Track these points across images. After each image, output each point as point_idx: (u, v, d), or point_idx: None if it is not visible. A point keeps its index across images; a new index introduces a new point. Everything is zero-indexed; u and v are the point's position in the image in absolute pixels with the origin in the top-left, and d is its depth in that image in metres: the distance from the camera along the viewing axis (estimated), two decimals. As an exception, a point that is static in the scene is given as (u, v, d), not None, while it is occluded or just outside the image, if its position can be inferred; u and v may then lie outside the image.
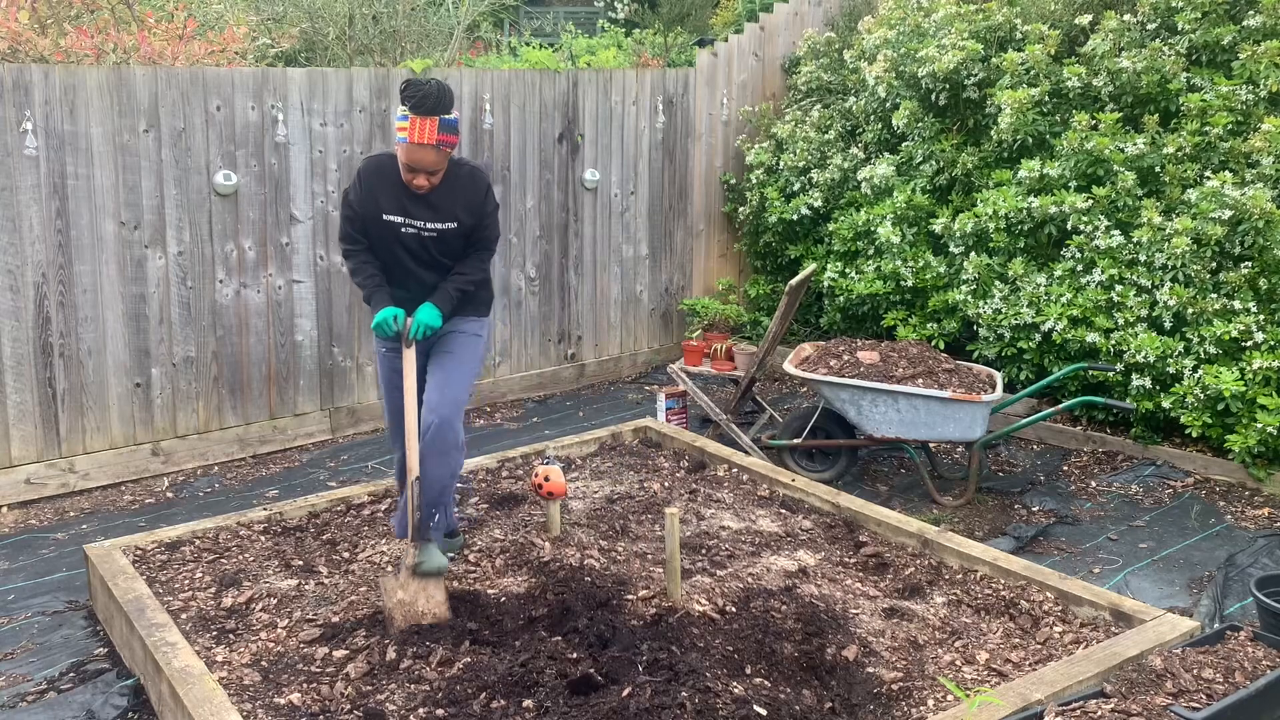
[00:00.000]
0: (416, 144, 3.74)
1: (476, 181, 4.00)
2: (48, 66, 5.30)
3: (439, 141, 3.75)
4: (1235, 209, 5.42)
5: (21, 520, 5.33)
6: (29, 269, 5.33)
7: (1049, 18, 6.78)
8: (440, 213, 3.98)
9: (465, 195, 3.98)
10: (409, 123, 3.73)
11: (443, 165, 3.85)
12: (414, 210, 3.97)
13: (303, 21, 8.16)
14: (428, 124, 3.72)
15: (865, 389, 5.28)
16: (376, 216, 3.99)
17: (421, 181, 3.85)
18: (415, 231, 4.00)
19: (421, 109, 3.70)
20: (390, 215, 3.98)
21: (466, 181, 3.98)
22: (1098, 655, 3.55)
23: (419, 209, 3.98)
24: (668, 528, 3.91)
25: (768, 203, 7.65)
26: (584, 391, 7.46)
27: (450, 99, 3.76)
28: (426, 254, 4.06)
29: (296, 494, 5.45)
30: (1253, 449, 5.29)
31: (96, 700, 3.67)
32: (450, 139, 3.79)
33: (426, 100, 3.69)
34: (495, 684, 3.36)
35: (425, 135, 3.73)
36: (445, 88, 3.74)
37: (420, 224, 3.99)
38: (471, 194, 3.98)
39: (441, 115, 3.74)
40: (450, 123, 3.78)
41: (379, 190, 3.98)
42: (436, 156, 3.79)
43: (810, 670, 3.55)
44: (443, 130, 3.75)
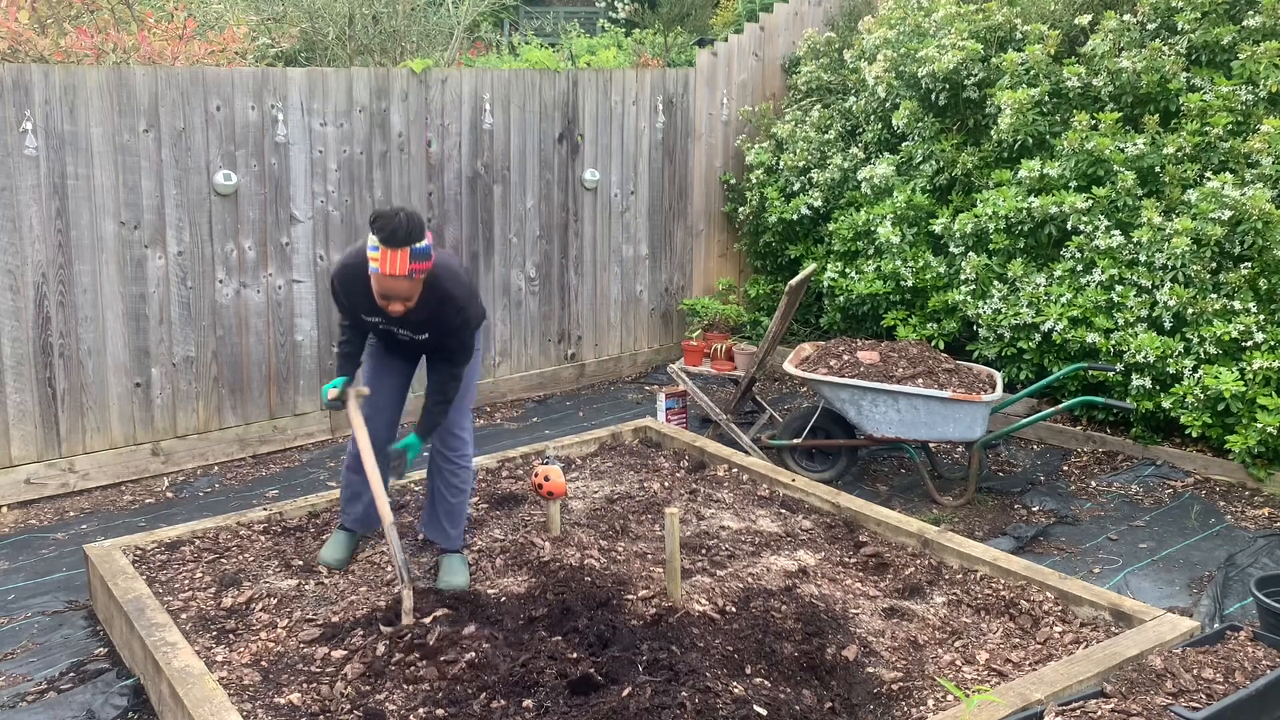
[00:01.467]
0: (388, 275, 3.67)
1: (448, 306, 3.90)
2: (48, 66, 5.30)
3: (411, 271, 3.68)
4: (1235, 209, 5.42)
5: (21, 520, 5.33)
6: (29, 269, 5.33)
7: (1049, 18, 6.78)
8: (413, 326, 3.99)
9: (437, 317, 3.93)
10: (379, 254, 3.64)
11: (416, 291, 3.78)
12: (388, 318, 3.98)
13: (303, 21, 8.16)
14: (398, 256, 3.63)
15: (865, 389, 5.28)
16: (357, 315, 4.07)
17: (396, 307, 3.80)
18: (392, 330, 4.07)
19: (391, 242, 3.62)
20: (369, 316, 4.02)
21: (439, 304, 3.89)
22: (1098, 655, 3.55)
23: (393, 319, 3.99)
24: (668, 528, 3.91)
25: (768, 203, 7.65)
26: (584, 391, 7.46)
27: (420, 227, 3.66)
28: (402, 346, 4.20)
29: (296, 494, 5.45)
30: (1253, 449, 5.29)
31: (96, 700, 3.67)
32: (422, 266, 3.71)
33: (396, 234, 3.60)
34: (495, 684, 3.36)
35: (397, 267, 3.65)
36: (415, 217, 3.65)
37: (395, 329, 4.05)
38: (443, 316, 3.93)
39: (413, 245, 3.65)
40: (422, 251, 3.69)
41: (355, 296, 3.98)
42: (409, 285, 3.72)
43: (810, 670, 3.55)
44: (415, 259, 3.67)
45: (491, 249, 6.95)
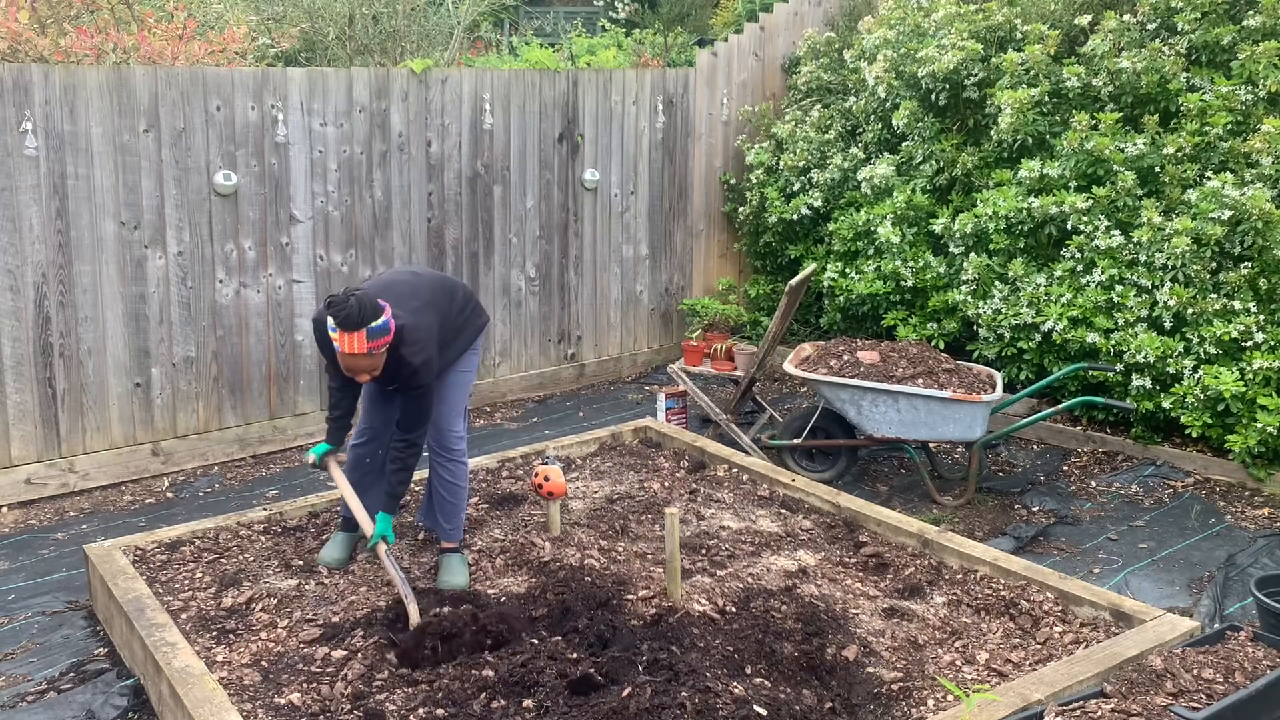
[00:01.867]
0: (349, 354, 3.81)
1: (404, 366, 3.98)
2: (48, 66, 5.30)
3: (370, 349, 3.80)
4: (1235, 209, 5.42)
5: (21, 520, 5.33)
6: (29, 269, 5.33)
7: (1049, 18, 6.78)
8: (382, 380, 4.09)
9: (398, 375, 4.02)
10: (338, 336, 3.79)
11: (380, 364, 3.90)
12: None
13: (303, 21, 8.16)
14: (355, 338, 3.77)
15: (865, 389, 5.28)
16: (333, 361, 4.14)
17: (363, 378, 3.94)
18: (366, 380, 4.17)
19: (346, 326, 3.75)
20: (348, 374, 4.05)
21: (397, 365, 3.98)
22: (1098, 655, 3.55)
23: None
24: (668, 528, 3.91)
25: (768, 203, 7.65)
26: (584, 391, 7.46)
27: (372, 309, 3.78)
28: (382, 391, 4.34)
29: (296, 494, 5.45)
30: (1253, 449, 5.29)
31: (96, 700, 3.67)
32: (381, 342, 3.84)
33: (350, 319, 3.73)
34: (495, 684, 3.36)
35: (355, 347, 3.79)
36: (366, 301, 3.76)
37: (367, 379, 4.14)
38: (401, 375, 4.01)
39: (368, 326, 3.77)
40: (379, 329, 3.80)
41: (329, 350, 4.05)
42: (371, 361, 3.85)
43: (810, 670, 3.55)
44: (371, 338, 3.79)
45: (491, 249, 6.95)
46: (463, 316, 4.32)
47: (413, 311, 4.01)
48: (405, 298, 4.06)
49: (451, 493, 4.36)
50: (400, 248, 6.52)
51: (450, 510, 4.36)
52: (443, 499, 4.37)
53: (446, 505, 4.37)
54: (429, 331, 4.03)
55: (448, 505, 4.36)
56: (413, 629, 3.73)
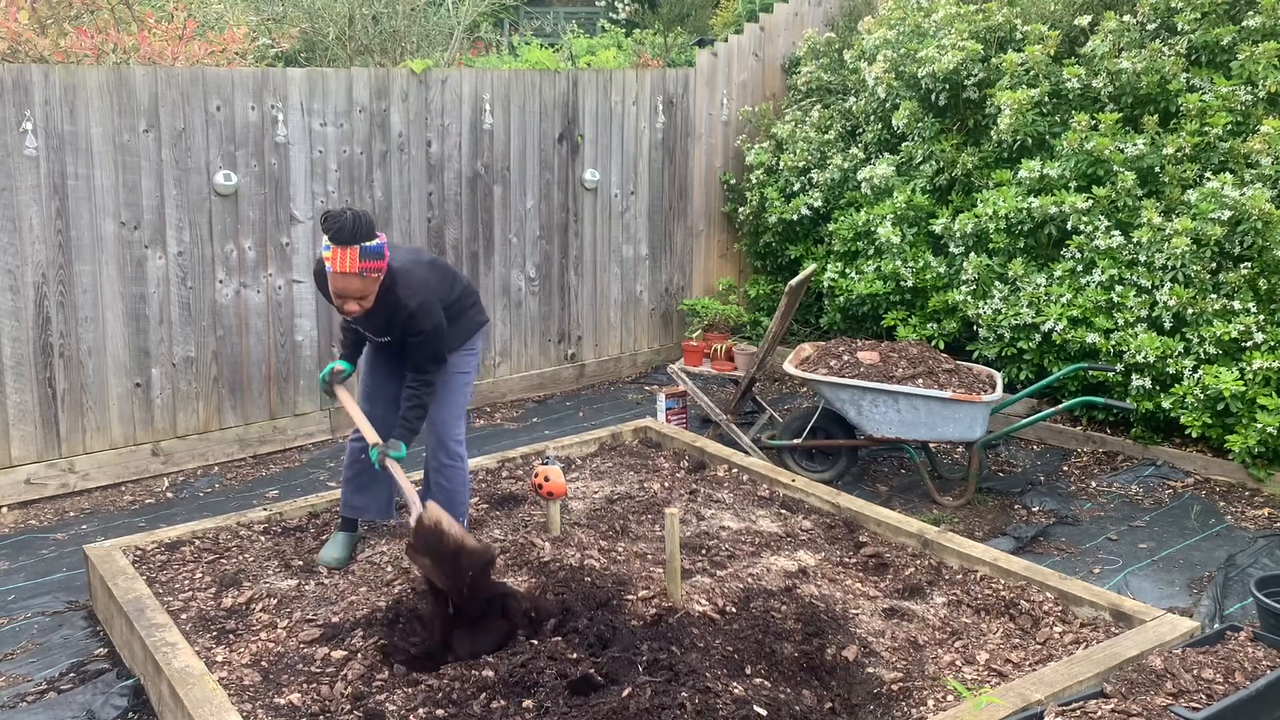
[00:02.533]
0: (340, 273, 3.73)
1: (400, 310, 3.94)
2: (48, 66, 5.30)
3: (361, 269, 3.72)
4: (1235, 209, 5.42)
5: (21, 520, 5.33)
6: (29, 269, 5.34)
7: (1049, 18, 6.78)
8: (376, 328, 4.04)
9: (393, 321, 3.98)
10: (331, 253, 3.71)
11: (371, 290, 3.82)
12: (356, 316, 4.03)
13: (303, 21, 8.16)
14: (348, 254, 3.69)
15: (865, 389, 5.28)
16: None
17: (352, 307, 3.83)
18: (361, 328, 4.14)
19: (339, 239, 3.68)
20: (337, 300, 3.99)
21: (393, 309, 3.94)
22: (1098, 655, 3.55)
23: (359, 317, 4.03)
24: (668, 528, 3.91)
25: (768, 203, 7.65)
26: (584, 391, 7.46)
27: (369, 226, 3.72)
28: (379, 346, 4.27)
29: (296, 494, 5.45)
30: (1253, 449, 5.29)
31: (96, 700, 3.67)
32: (373, 265, 3.76)
33: (343, 231, 3.66)
34: (495, 684, 3.36)
35: (347, 265, 3.71)
36: (362, 216, 3.70)
37: (361, 328, 4.12)
38: (397, 320, 3.97)
39: (362, 243, 3.70)
40: (373, 249, 3.74)
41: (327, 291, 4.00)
42: (362, 283, 3.76)
43: (810, 670, 3.55)
44: (364, 258, 3.71)
45: (491, 249, 6.95)
46: (460, 305, 4.27)
47: (408, 261, 4.01)
48: (404, 252, 4.11)
49: (450, 498, 4.33)
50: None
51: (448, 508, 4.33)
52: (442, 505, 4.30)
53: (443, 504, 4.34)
54: (424, 282, 3.98)
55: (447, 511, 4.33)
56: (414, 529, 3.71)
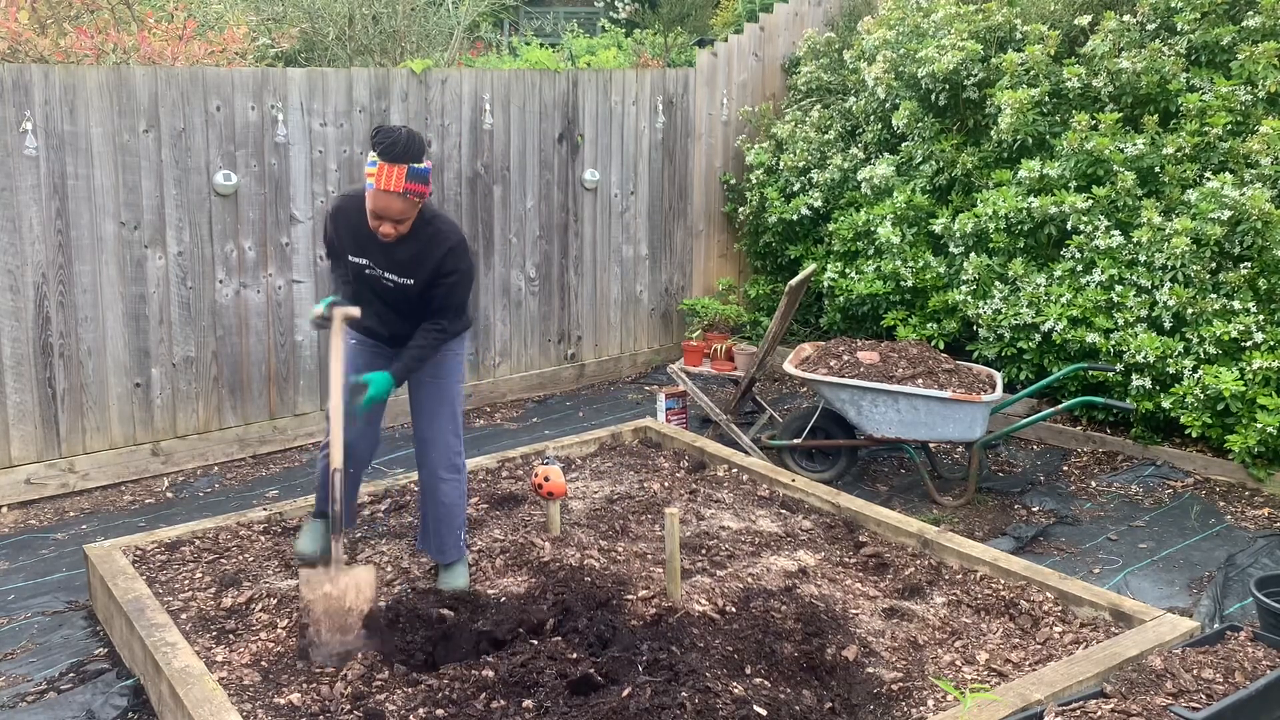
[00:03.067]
0: (383, 190, 3.64)
1: (436, 243, 3.84)
2: (48, 66, 5.30)
3: (406, 190, 3.64)
4: (1235, 209, 5.42)
5: (21, 520, 5.33)
6: (29, 269, 5.34)
7: (1049, 18, 6.78)
8: (400, 267, 3.88)
9: (426, 255, 3.85)
10: (377, 169, 3.63)
11: (410, 214, 3.73)
12: (375, 256, 3.90)
13: (303, 21, 8.15)
14: (395, 171, 3.61)
15: (865, 389, 5.28)
16: (343, 254, 3.99)
17: (388, 230, 3.73)
18: (377, 276, 3.95)
19: (389, 155, 3.61)
20: (355, 257, 3.93)
21: (429, 242, 3.84)
22: (1098, 655, 3.55)
23: (380, 258, 3.89)
24: (668, 528, 3.91)
25: (768, 203, 7.65)
26: (584, 391, 7.46)
27: (420, 147, 3.67)
28: (389, 298, 4.01)
29: (296, 494, 5.45)
30: (1253, 449, 5.29)
31: (96, 700, 3.67)
32: (418, 189, 3.68)
33: (395, 146, 3.60)
34: (495, 684, 3.36)
35: (392, 183, 3.62)
36: (416, 136, 3.65)
37: (379, 272, 3.92)
38: (432, 255, 3.85)
39: (410, 163, 3.63)
40: (420, 172, 3.67)
41: (345, 232, 3.92)
42: (403, 205, 3.67)
43: (810, 670, 3.55)
44: (411, 179, 3.64)
45: (491, 249, 6.95)
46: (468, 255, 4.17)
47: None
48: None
49: (449, 513, 4.17)
50: (400, 248, 6.51)
51: (447, 529, 4.18)
52: (439, 521, 4.17)
53: (445, 526, 4.17)
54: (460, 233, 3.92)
55: (446, 526, 4.17)
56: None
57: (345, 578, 3.71)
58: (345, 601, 3.68)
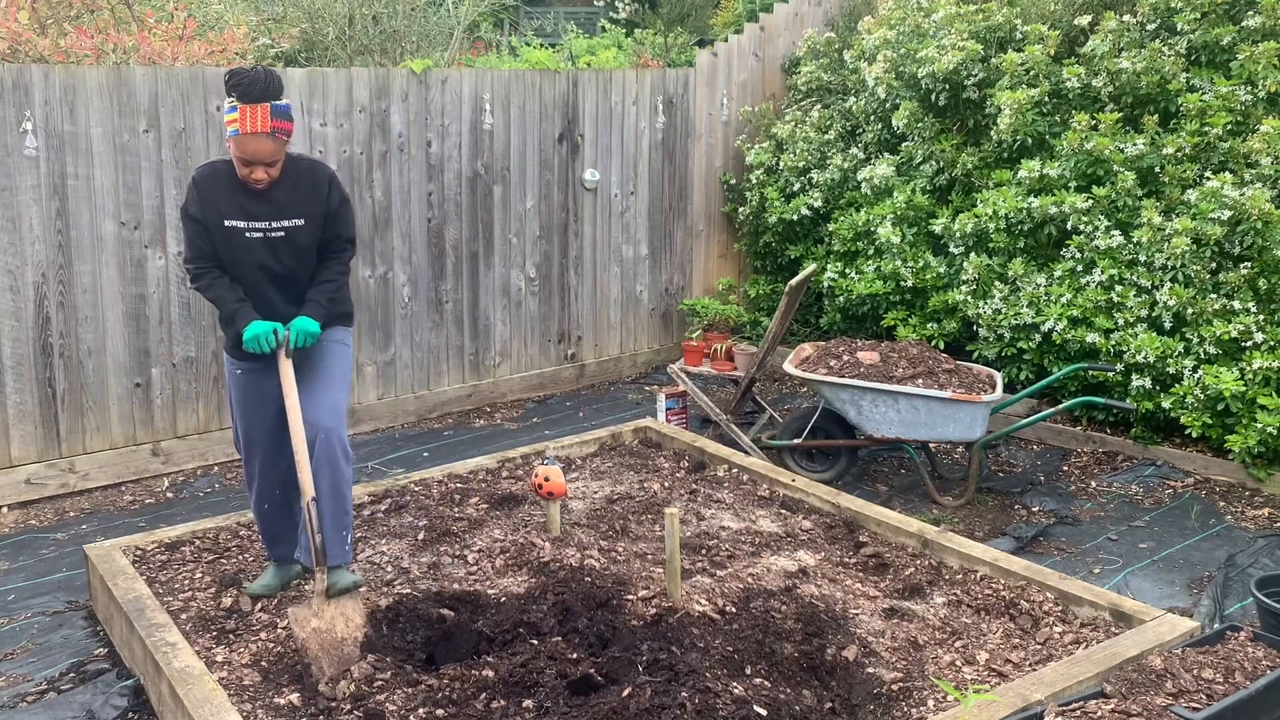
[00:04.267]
0: (250, 134, 3.53)
1: (317, 173, 3.79)
2: (48, 66, 5.30)
3: (273, 129, 3.55)
4: (1235, 209, 5.42)
5: (21, 520, 5.33)
6: (29, 269, 5.34)
7: (1049, 18, 6.78)
8: (284, 209, 3.75)
9: (307, 189, 3.76)
10: (238, 113, 3.52)
11: (280, 155, 3.64)
12: (256, 211, 3.73)
13: (303, 21, 8.16)
14: (259, 110, 3.51)
15: (865, 389, 5.28)
16: (219, 224, 3.74)
17: (260, 174, 3.63)
18: (262, 234, 3.75)
19: (249, 97, 3.51)
20: (232, 220, 3.74)
21: (307, 175, 3.76)
22: (1098, 655, 3.55)
23: (261, 208, 3.73)
24: (668, 528, 3.91)
25: (768, 203, 7.65)
26: (584, 391, 7.46)
27: (279, 84, 3.57)
28: (279, 262, 3.81)
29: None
30: (1253, 449, 5.29)
31: (96, 700, 3.67)
32: (285, 125, 3.60)
33: (254, 86, 3.50)
34: (495, 684, 3.36)
35: (258, 124, 3.52)
36: (272, 73, 3.56)
37: (265, 224, 3.74)
38: (314, 186, 3.77)
39: (272, 101, 3.54)
40: (283, 108, 3.58)
41: (217, 196, 3.74)
42: (274, 145, 3.58)
43: (810, 670, 3.55)
44: (275, 116, 3.55)
45: (491, 249, 6.95)
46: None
47: None
48: None
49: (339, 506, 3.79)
50: (400, 248, 6.52)
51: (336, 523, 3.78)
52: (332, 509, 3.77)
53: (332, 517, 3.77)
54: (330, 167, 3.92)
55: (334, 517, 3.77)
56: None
57: (330, 609, 3.63)
58: (336, 633, 3.61)
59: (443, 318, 6.79)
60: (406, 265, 6.56)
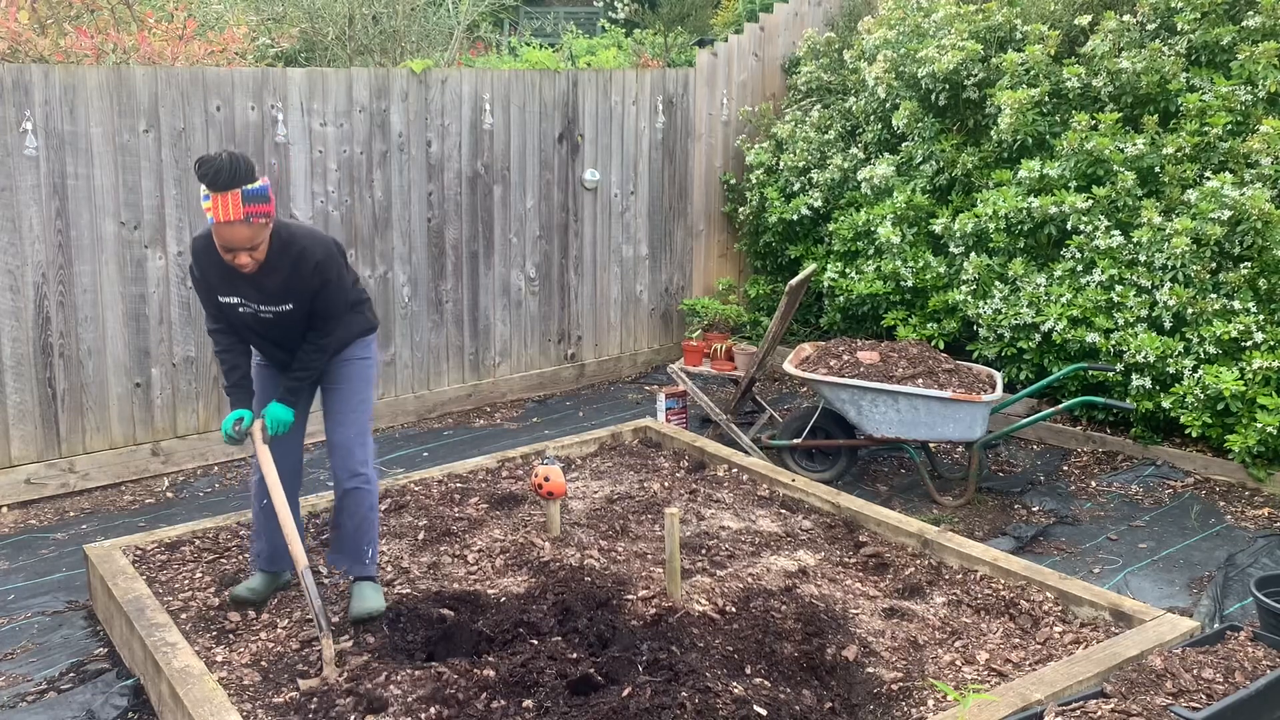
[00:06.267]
0: (224, 222, 3.46)
1: (304, 259, 3.68)
2: (48, 66, 5.30)
3: (247, 214, 3.46)
4: (1235, 209, 5.42)
5: (21, 520, 5.33)
6: (29, 269, 5.34)
7: (1049, 18, 6.78)
8: (270, 295, 3.72)
9: (295, 276, 3.70)
10: (211, 202, 3.45)
11: (261, 238, 3.55)
12: (245, 292, 3.74)
13: (303, 21, 8.15)
14: (230, 199, 3.43)
15: (865, 389, 5.28)
16: (214, 297, 3.79)
17: (244, 259, 3.56)
18: (253, 313, 3.79)
19: (217, 185, 3.42)
20: (225, 296, 3.75)
21: (296, 262, 3.68)
22: (1098, 655, 3.55)
23: (249, 291, 3.73)
24: (668, 528, 3.91)
25: (768, 203, 7.65)
26: (584, 391, 7.46)
27: (248, 167, 3.47)
28: (274, 331, 3.86)
29: (296, 494, 5.45)
30: (1252, 449, 5.29)
31: (96, 700, 3.67)
32: (259, 209, 3.50)
33: (220, 175, 3.41)
34: (495, 683, 3.36)
35: (230, 212, 3.45)
36: (239, 157, 3.45)
37: (254, 307, 3.77)
38: (297, 272, 3.69)
39: (243, 186, 3.45)
40: (255, 192, 3.48)
41: (209, 271, 3.74)
42: (250, 230, 3.49)
43: (810, 670, 3.55)
44: (248, 201, 3.45)
45: (491, 249, 6.95)
46: (355, 294, 4.01)
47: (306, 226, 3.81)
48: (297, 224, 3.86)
49: (357, 524, 3.96)
50: (400, 248, 6.52)
51: (355, 543, 3.97)
52: (349, 532, 3.97)
53: (353, 539, 3.97)
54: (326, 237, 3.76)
55: (354, 538, 3.97)
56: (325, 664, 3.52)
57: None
58: None
59: (442, 318, 6.79)
60: (406, 265, 6.56)
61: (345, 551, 4.00)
